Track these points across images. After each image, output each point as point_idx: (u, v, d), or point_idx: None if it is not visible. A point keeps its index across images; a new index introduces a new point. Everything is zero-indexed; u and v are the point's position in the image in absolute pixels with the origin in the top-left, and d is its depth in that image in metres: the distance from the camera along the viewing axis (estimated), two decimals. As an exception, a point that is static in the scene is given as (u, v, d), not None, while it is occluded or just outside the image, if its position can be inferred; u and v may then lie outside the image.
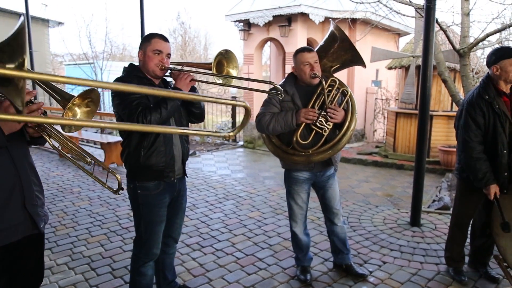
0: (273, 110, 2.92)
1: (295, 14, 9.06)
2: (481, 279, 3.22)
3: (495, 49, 2.93)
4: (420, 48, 7.23)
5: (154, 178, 2.45)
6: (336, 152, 2.86)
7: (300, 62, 2.86)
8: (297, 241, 3.22)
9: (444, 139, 7.75)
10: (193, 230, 4.27)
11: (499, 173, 2.85)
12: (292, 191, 3.12)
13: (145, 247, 2.54)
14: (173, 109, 2.36)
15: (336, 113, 2.80)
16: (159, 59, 2.39)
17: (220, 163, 7.96)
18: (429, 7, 4.07)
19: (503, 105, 2.84)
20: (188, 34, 18.86)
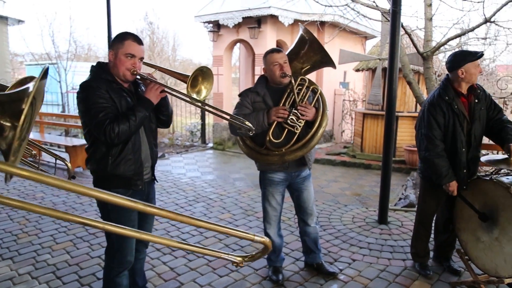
0: (245, 111, 2.93)
1: (264, 16, 9.11)
2: (445, 272, 3.35)
3: (458, 53, 3.03)
4: (386, 51, 7.44)
5: (121, 186, 2.37)
6: (309, 149, 2.88)
7: (269, 62, 2.89)
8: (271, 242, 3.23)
9: (409, 139, 8.00)
10: (163, 233, 4.21)
11: (458, 170, 2.98)
12: (267, 193, 3.12)
13: (118, 255, 2.43)
14: (141, 120, 2.28)
15: (307, 110, 2.84)
16: (131, 63, 2.29)
17: (189, 165, 7.90)
18: (395, 11, 4.19)
19: (461, 106, 2.97)
20: (156, 34, 18.60)
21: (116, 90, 2.30)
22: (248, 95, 2.98)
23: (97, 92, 2.22)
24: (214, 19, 9.87)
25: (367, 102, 8.68)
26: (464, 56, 2.94)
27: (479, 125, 3.00)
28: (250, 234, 1.24)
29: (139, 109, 2.28)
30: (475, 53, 2.94)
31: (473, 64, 2.90)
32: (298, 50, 3.10)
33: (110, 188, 2.33)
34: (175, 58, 21.37)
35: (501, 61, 12.61)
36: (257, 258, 1.40)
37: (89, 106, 2.21)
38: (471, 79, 2.94)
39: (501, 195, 2.70)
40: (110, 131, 2.16)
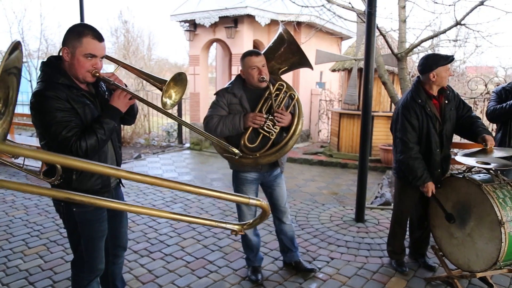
0: (221, 112, 2.90)
1: (241, 15, 9.10)
2: (420, 268, 3.43)
3: (429, 57, 3.08)
4: (361, 52, 7.56)
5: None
6: (283, 154, 2.91)
7: (247, 66, 2.85)
8: (247, 242, 3.23)
9: (384, 138, 8.14)
10: (140, 235, 4.14)
11: (433, 170, 3.06)
12: (240, 192, 3.11)
13: (89, 265, 2.29)
14: (110, 132, 2.08)
15: (283, 117, 2.83)
16: (91, 64, 2.02)
17: (166, 166, 7.81)
18: (370, 13, 4.25)
19: (434, 108, 3.05)
20: (131, 33, 18.28)
21: (78, 98, 2.03)
22: (225, 95, 2.95)
23: (56, 104, 1.93)
24: (191, 18, 9.79)
25: (343, 102, 8.79)
26: (436, 60, 3.00)
27: (450, 125, 3.10)
28: (245, 197, 1.23)
29: (107, 120, 2.04)
30: (446, 57, 3.01)
31: (444, 68, 2.98)
32: (276, 49, 3.07)
33: (75, 204, 2.12)
34: (150, 58, 21.07)
35: (471, 62, 12.99)
36: (256, 224, 1.38)
37: (48, 121, 1.93)
38: (441, 82, 3.02)
39: (473, 192, 2.78)
40: (78, 149, 1.93)
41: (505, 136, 3.40)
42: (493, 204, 2.62)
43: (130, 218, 4.59)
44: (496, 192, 2.71)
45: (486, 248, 2.69)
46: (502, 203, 2.65)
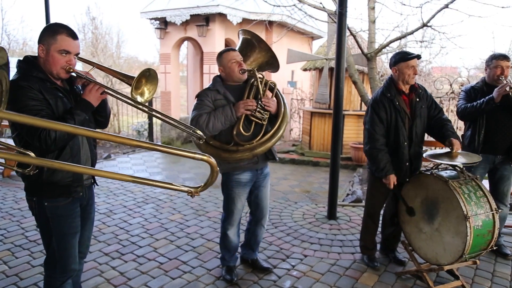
0: (207, 110, 2.90)
1: (213, 14, 9.05)
2: (391, 263, 3.52)
3: (395, 54, 3.27)
4: (332, 51, 7.67)
5: (59, 194, 2.17)
6: (277, 139, 2.93)
7: (227, 60, 2.90)
8: (227, 243, 3.21)
9: (355, 137, 8.30)
10: (111, 237, 4.05)
11: (401, 163, 3.16)
12: (233, 195, 3.07)
13: (61, 264, 2.24)
14: (81, 123, 2.09)
15: (270, 102, 2.90)
16: (66, 60, 2.07)
17: (137, 166, 7.68)
18: (341, 13, 4.32)
19: (403, 103, 3.17)
20: (99, 30, 17.83)
21: (50, 90, 2.08)
22: (208, 94, 2.95)
23: (29, 93, 1.98)
24: (161, 16, 9.66)
25: (315, 101, 8.90)
26: (398, 57, 3.17)
27: (420, 122, 3.20)
28: (191, 152, 1.29)
29: (78, 112, 2.08)
30: (407, 54, 3.15)
31: (406, 64, 3.11)
32: (245, 51, 3.16)
33: (47, 198, 2.14)
34: (119, 55, 20.64)
35: (436, 63, 13.43)
36: (209, 184, 1.41)
37: (19, 108, 1.95)
38: (404, 78, 3.14)
39: (441, 188, 2.87)
40: (46, 137, 1.94)
41: (474, 135, 3.52)
42: (459, 199, 2.72)
43: (101, 220, 4.49)
44: (462, 188, 2.81)
45: (453, 242, 2.78)
46: (467, 198, 2.75)
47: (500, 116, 3.46)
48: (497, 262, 3.57)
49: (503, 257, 3.65)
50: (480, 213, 2.74)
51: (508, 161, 3.56)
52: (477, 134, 3.50)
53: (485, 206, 2.80)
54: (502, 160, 3.56)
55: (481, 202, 2.80)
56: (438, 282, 3.15)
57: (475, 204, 2.76)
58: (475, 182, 2.93)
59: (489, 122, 3.48)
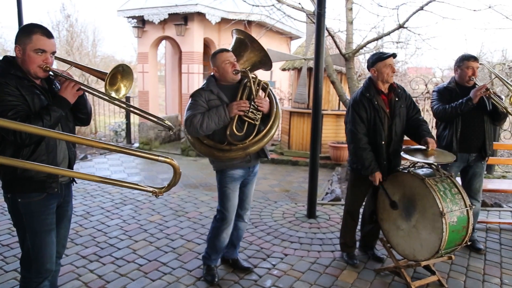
0: (201, 110, 2.91)
1: (191, 13, 8.98)
2: (370, 260, 3.58)
3: (372, 55, 3.35)
4: (311, 51, 7.73)
5: (34, 190, 2.16)
6: (270, 138, 2.98)
7: (221, 61, 2.92)
8: (218, 243, 3.17)
9: (333, 136, 8.39)
10: (88, 239, 3.97)
11: (379, 162, 3.23)
12: (228, 191, 3.07)
13: (36, 264, 2.21)
14: (57, 120, 2.12)
15: (263, 102, 2.94)
16: (42, 59, 2.11)
17: (115, 167, 7.55)
18: (320, 13, 4.36)
19: (382, 102, 3.24)
20: (74, 28, 17.44)
21: (28, 87, 2.11)
22: (202, 94, 2.96)
23: (5, 89, 2.02)
24: (139, 14, 9.52)
25: (294, 100, 8.95)
26: (375, 57, 3.25)
27: (400, 121, 3.27)
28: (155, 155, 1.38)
29: (54, 108, 2.11)
30: (383, 54, 3.24)
31: (383, 64, 3.18)
32: (238, 51, 3.18)
33: (21, 192, 2.16)
34: (95, 54, 20.25)
35: (412, 63, 13.72)
36: (172, 185, 1.52)
37: None
38: (383, 77, 3.21)
39: (417, 186, 2.94)
40: (21, 132, 1.96)
41: (452, 135, 3.60)
42: (435, 196, 2.79)
43: (77, 222, 4.40)
44: (438, 185, 2.88)
45: (430, 238, 2.85)
46: (443, 196, 2.82)
47: (474, 116, 3.56)
48: (471, 257, 3.68)
49: (476, 252, 3.76)
50: (455, 210, 2.82)
51: (481, 159, 3.67)
52: (454, 135, 3.59)
53: (459, 202, 2.88)
54: (475, 158, 3.67)
55: (456, 199, 2.88)
56: (416, 278, 3.22)
57: (450, 201, 2.84)
58: (450, 179, 3.01)
59: (464, 122, 3.58)
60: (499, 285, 3.22)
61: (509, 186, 4.58)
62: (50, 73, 2.20)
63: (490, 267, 3.50)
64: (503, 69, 9.95)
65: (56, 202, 2.30)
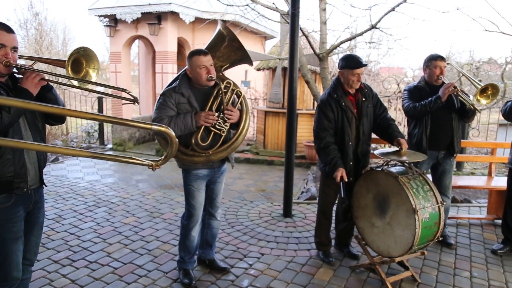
0: (170, 113, 2.86)
1: (165, 12, 8.89)
2: (345, 257, 3.63)
3: (343, 57, 3.38)
4: (285, 51, 7.77)
5: (1, 191, 2.08)
6: (234, 150, 2.97)
7: (196, 65, 2.83)
8: (189, 243, 3.15)
9: (308, 135, 8.46)
10: (61, 244, 3.86)
11: (345, 162, 3.29)
12: (192, 189, 3.07)
13: (2, 272, 2.13)
14: (18, 113, 2.02)
15: (232, 114, 2.89)
16: (2, 54, 2.03)
17: (87, 169, 7.38)
18: (294, 13, 4.39)
19: (349, 103, 3.30)
20: (43, 26, 16.95)
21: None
22: (172, 95, 2.89)
23: None
24: (111, 13, 9.35)
25: (268, 100, 8.98)
26: (345, 62, 3.27)
27: (367, 121, 3.33)
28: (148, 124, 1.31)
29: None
30: (354, 63, 3.22)
31: (351, 72, 3.22)
32: (216, 47, 3.10)
33: None
34: (66, 53, 19.74)
35: (384, 63, 14.01)
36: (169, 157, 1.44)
37: None
38: (348, 83, 3.27)
39: (391, 184, 3.00)
40: None
41: (422, 133, 3.69)
42: (408, 194, 2.85)
43: (49, 226, 4.27)
44: (410, 183, 2.95)
45: (403, 235, 2.92)
46: (415, 193, 2.89)
47: (442, 114, 3.66)
48: (443, 252, 3.79)
49: (447, 247, 3.87)
50: (427, 206, 2.89)
51: (449, 156, 3.78)
52: (424, 133, 3.68)
53: (431, 199, 2.95)
54: (444, 155, 3.78)
55: (428, 196, 2.96)
56: (390, 274, 3.29)
57: (422, 198, 2.91)
58: (422, 177, 3.08)
59: (433, 120, 3.68)
60: (468, 278, 3.32)
61: (477, 182, 4.74)
62: (15, 70, 2.12)
63: (460, 261, 3.62)
64: (470, 69, 10.30)
65: (24, 208, 2.21)
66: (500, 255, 3.74)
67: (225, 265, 3.42)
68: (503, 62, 9.24)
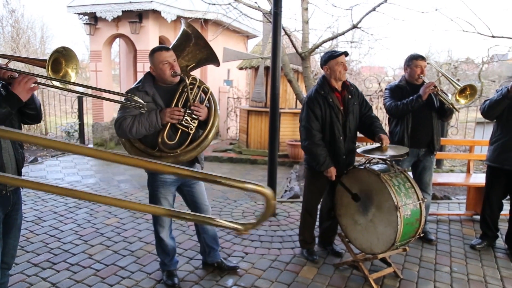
0: (134, 112, 2.75)
1: (146, 10, 8.78)
2: (329, 255, 3.66)
3: (324, 53, 3.43)
4: (268, 50, 7.79)
5: None
6: (203, 149, 2.83)
7: (158, 61, 2.74)
8: (163, 247, 3.12)
9: (291, 134, 8.50)
10: (40, 246, 3.78)
11: (338, 157, 3.31)
12: (158, 195, 2.99)
13: None
14: (3, 117, 1.97)
15: (200, 110, 2.77)
16: None
17: (68, 169, 7.25)
18: (276, 13, 4.39)
19: (336, 99, 3.33)
20: (20, 24, 16.53)
21: None
22: (136, 94, 2.78)
23: None
24: (91, 11, 9.18)
25: (251, 99, 8.98)
26: (327, 56, 3.33)
27: (353, 118, 3.37)
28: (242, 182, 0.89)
29: (2, 104, 1.97)
30: (335, 52, 3.33)
31: (335, 61, 3.27)
32: (181, 46, 3.01)
33: None
34: (44, 52, 19.33)
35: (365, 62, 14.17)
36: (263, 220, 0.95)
37: None
38: (336, 75, 3.30)
39: (374, 181, 3.04)
40: None
41: (404, 131, 3.75)
42: (390, 191, 2.89)
43: (28, 228, 4.18)
44: (392, 180, 2.99)
45: (385, 231, 2.96)
46: (397, 190, 2.94)
47: (423, 112, 3.73)
48: (424, 248, 3.86)
49: (428, 243, 3.95)
50: (409, 203, 2.94)
51: (430, 153, 3.86)
52: (405, 131, 3.74)
53: (413, 196, 3.00)
54: (425, 153, 3.85)
55: (409, 193, 3.00)
56: (373, 270, 3.33)
57: (404, 195, 2.96)
58: (404, 174, 3.13)
59: (414, 119, 3.74)
60: (449, 273, 3.39)
61: (456, 179, 4.85)
62: None
63: (441, 257, 3.69)
64: (449, 69, 10.50)
65: (3, 210, 2.16)
66: (479, 250, 3.83)
67: (234, 264, 3.38)
68: (480, 62, 9.46)
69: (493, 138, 3.76)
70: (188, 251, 3.72)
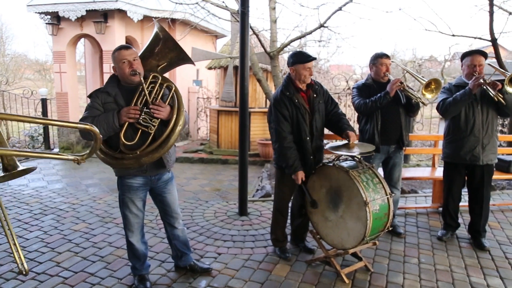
0: (96, 113, 2.70)
1: (111, 10, 8.59)
2: (301, 252, 3.69)
3: (292, 53, 3.40)
4: (236, 50, 7.77)
5: None
6: (166, 150, 2.72)
7: (118, 60, 2.70)
8: (134, 251, 3.06)
9: (261, 133, 8.53)
10: (4, 256, 3.63)
11: (306, 157, 3.34)
12: (126, 200, 2.93)
13: None
14: None
15: (160, 109, 2.68)
16: None
17: (32, 175, 6.99)
18: (244, 12, 4.39)
19: (302, 99, 3.34)
20: (-23, 25, 15.83)
21: None
22: (98, 96, 2.75)
23: None
24: (53, 10, 8.89)
25: (221, 99, 8.95)
26: (296, 57, 3.30)
27: (319, 117, 3.40)
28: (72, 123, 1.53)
29: None
30: (305, 57, 3.28)
31: (302, 66, 3.27)
32: (152, 47, 2.98)
33: None
34: (4, 53, 18.60)
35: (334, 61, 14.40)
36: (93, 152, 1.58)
37: None
38: (301, 78, 3.31)
39: (343, 178, 3.09)
40: None
41: (374, 128, 3.82)
42: (359, 187, 2.95)
43: (-10, 237, 4.00)
44: (361, 176, 3.05)
45: (355, 227, 3.01)
46: (366, 186, 2.99)
47: (391, 109, 3.81)
48: (393, 241, 3.96)
49: (397, 236, 4.05)
50: (377, 198, 3.01)
51: (399, 149, 3.95)
52: (376, 128, 3.81)
53: (381, 191, 3.07)
54: (394, 149, 3.94)
55: (378, 188, 3.07)
56: (345, 265, 3.38)
57: (372, 190, 3.02)
58: (372, 170, 3.20)
59: (383, 116, 3.82)
60: (417, 265, 3.49)
61: (422, 173, 5.00)
62: None
63: (409, 249, 3.79)
64: (414, 66, 10.82)
65: None
66: (445, 241, 3.97)
67: (207, 266, 3.35)
68: (442, 59, 9.79)
69: (448, 135, 3.88)
70: (160, 254, 3.67)
